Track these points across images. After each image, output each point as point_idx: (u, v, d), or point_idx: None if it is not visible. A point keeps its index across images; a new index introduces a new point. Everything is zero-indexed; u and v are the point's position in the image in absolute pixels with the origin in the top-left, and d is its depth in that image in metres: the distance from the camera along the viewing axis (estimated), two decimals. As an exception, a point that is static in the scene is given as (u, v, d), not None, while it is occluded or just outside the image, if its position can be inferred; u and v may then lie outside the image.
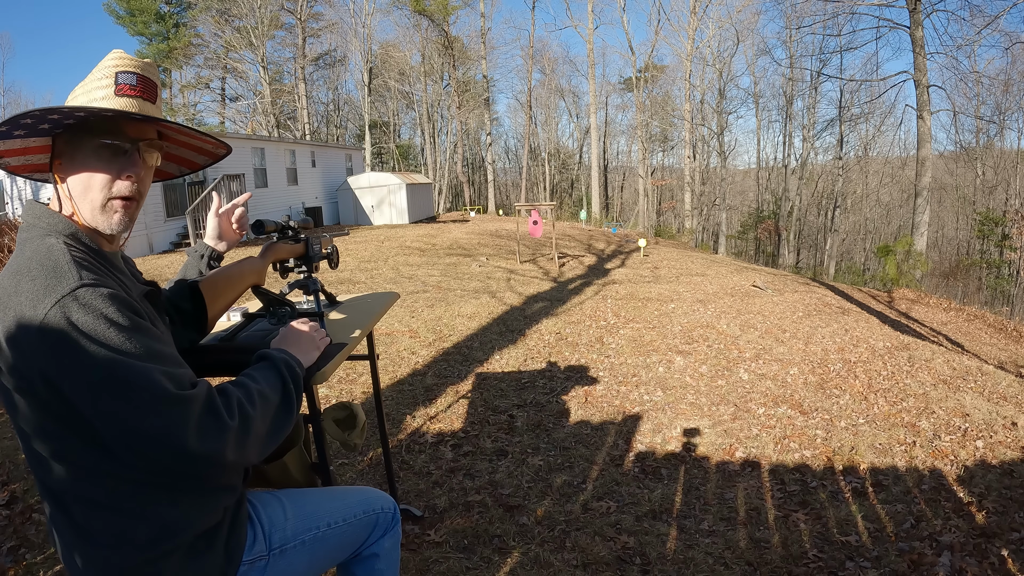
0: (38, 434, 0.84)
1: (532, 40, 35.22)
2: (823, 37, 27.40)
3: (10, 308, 0.80)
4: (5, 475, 2.63)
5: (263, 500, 1.11)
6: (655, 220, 34.15)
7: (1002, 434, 3.18)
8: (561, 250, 12.34)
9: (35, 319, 0.78)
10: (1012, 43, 20.06)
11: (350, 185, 19.61)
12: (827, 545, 2.22)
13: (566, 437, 3.21)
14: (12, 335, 0.79)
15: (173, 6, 32.01)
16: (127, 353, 0.79)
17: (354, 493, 1.27)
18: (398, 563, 1.32)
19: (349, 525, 1.19)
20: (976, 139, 28.43)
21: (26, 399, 0.82)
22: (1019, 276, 21.19)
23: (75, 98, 0.94)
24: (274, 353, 1.09)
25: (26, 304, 0.79)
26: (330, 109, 38.68)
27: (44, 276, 0.80)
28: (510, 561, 2.11)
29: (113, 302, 0.82)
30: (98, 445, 0.83)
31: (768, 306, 7.22)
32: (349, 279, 7.90)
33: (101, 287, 0.82)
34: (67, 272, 0.81)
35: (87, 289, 0.80)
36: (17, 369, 0.80)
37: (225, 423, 0.85)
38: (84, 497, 0.86)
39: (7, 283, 0.82)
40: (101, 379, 0.77)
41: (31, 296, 0.79)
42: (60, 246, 0.85)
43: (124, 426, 0.79)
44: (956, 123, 28.85)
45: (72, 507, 0.87)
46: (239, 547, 0.98)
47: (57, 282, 0.80)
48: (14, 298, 0.80)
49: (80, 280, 0.81)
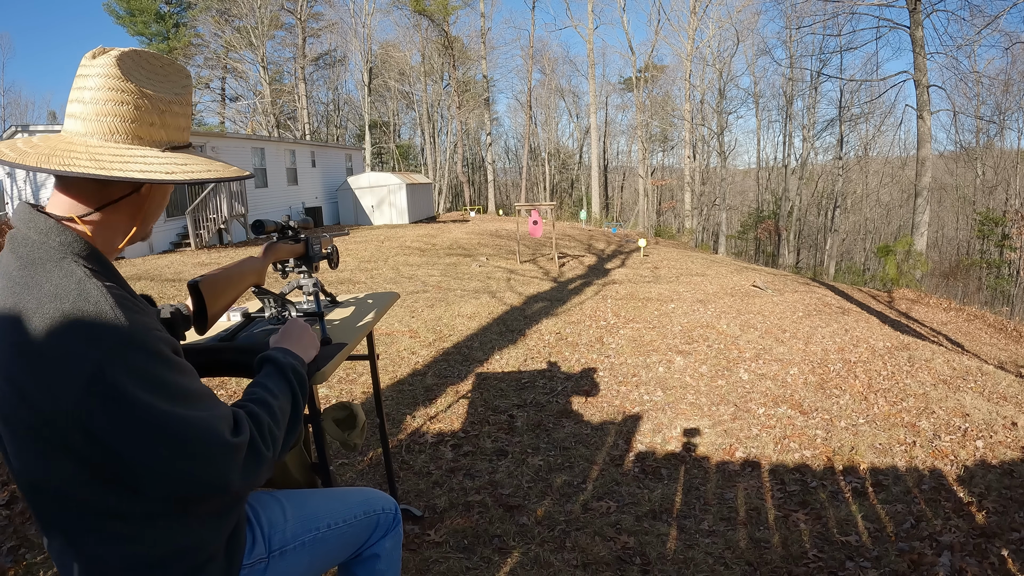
0: (55, 478, 0.79)
1: (532, 40, 35.23)
2: (823, 37, 27.41)
3: (44, 354, 0.73)
4: (5, 475, 2.63)
5: (262, 502, 1.10)
6: (655, 220, 34.16)
7: (1002, 434, 3.18)
8: (561, 250, 12.34)
9: (81, 372, 0.72)
10: (1012, 43, 20.06)
11: (350, 185, 19.61)
12: (827, 545, 2.21)
13: (566, 437, 3.21)
14: (48, 383, 0.73)
15: (173, 6, 31.99)
16: (180, 402, 0.78)
17: (355, 494, 1.26)
18: (399, 564, 1.32)
19: (349, 526, 1.18)
20: (976, 139, 28.45)
21: (48, 447, 0.76)
22: (1019, 276, 21.19)
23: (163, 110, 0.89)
24: (279, 357, 1.07)
25: (68, 352, 0.73)
26: (330, 109, 38.69)
27: (85, 323, 0.74)
28: (510, 561, 2.11)
29: (159, 345, 0.79)
30: (129, 488, 0.80)
31: (768, 306, 7.22)
32: (349, 279, 7.90)
33: (147, 331, 0.79)
34: (110, 315, 0.76)
35: (134, 336, 0.76)
36: (47, 418, 0.74)
37: (264, 457, 0.88)
38: (98, 530, 0.83)
39: (37, 324, 0.74)
40: (157, 434, 0.75)
41: (74, 344, 0.73)
42: (91, 280, 0.79)
43: (174, 475, 0.78)
44: (956, 123, 28.91)
45: (84, 538, 0.83)
46: (239, 551, 0.97)
47: (103, 330, 0.75)
48: (50, 342, 0.73)
49: (126, 323, 0.76)
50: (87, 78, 0.84)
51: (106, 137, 0.85)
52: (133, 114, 0.85)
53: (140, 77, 0.86)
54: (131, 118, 0.85)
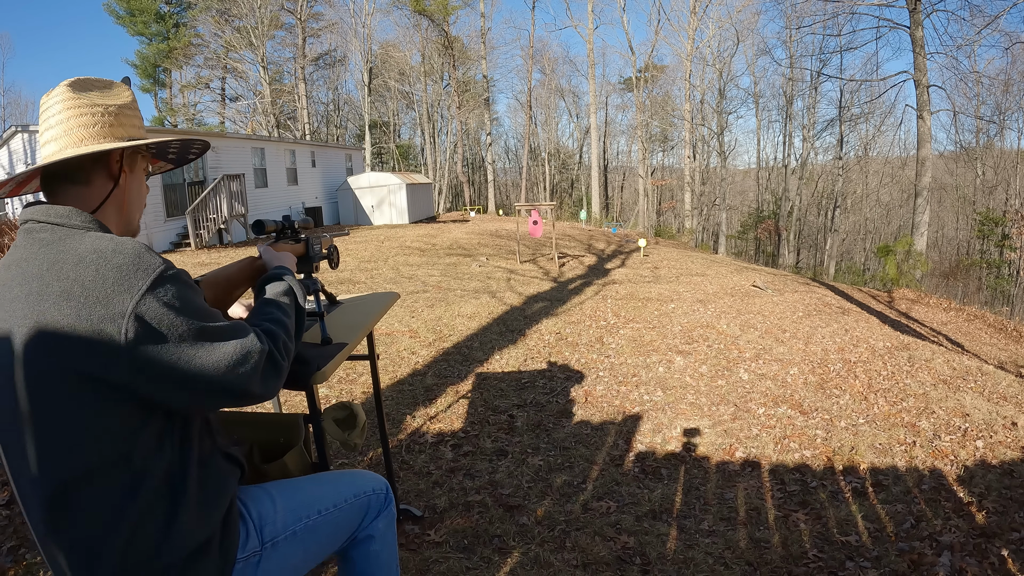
0: (92, 446, 0.83)
1: (532, 40, 35.27)
2: (823, 37, 27.43)
3: (90, 293, 0.81)
4: (5, 475, 2.63)
5: (252, 495, 1.10)
6: (655, 220, 34.17)
7: (1002, 434, 3.18)
8: (561, 250, 12.34)
9: (128, 303, 0.82)
10: (1012, 43, 20.05)
11: (350, 185, 19.61)
12: (827, 545, 2.21)
13: (566, 437, 3.21)
14: (98, 316, 0.81)
15: (173, 6, 32.03)
16: (216, 320, 0.91)
17: (343, 477, 1.27)
18: (395, 543, 1.32)
19: (340, 511, 1.18)
20: (976, 139, 28.46)
21: (91, 397, 0.82)
22: (1019, 276, 21.20)
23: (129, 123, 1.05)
24: (279, 274, 1.21)
25: (113, 288, 0.82)
26: (330, 109, 38.69)
27: (127, 262, 0.84)
28: (510, 561, 2.11)
29: (190, 278, 0.91)
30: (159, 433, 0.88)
31: (768, 306, 7.22)
32: (349, 279, 7.90)
33: (179, 268, 0.91)
34: (147, 256, 0.87)
35: (170, 269, 0.88)
36: (95, 360, 0.81)
37: (281, 367, 1.01)
38: (106, 521, 0.84)
39: (80, 271, 0.83)
40: (196, 351, 0.87)
41: (118, 279, 0.83)
42: (120, 237, 0.90)
43: (216, 387, 0.89)
44: (956, 123, 28.91)
45: (88, 532, 0.85)
46: (233, 546, 0.98)
47: (144, 266, 0.85)
48: (96, 282, 0.82)
49: (162, 262, 0.88)
50: (49, 108, 0.98)
51: (76, 145, 0.97)
52: (92, 120, 0.98)
53: (90, 92, 1.01)
54: (92, 123, 0.98)
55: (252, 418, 1.46)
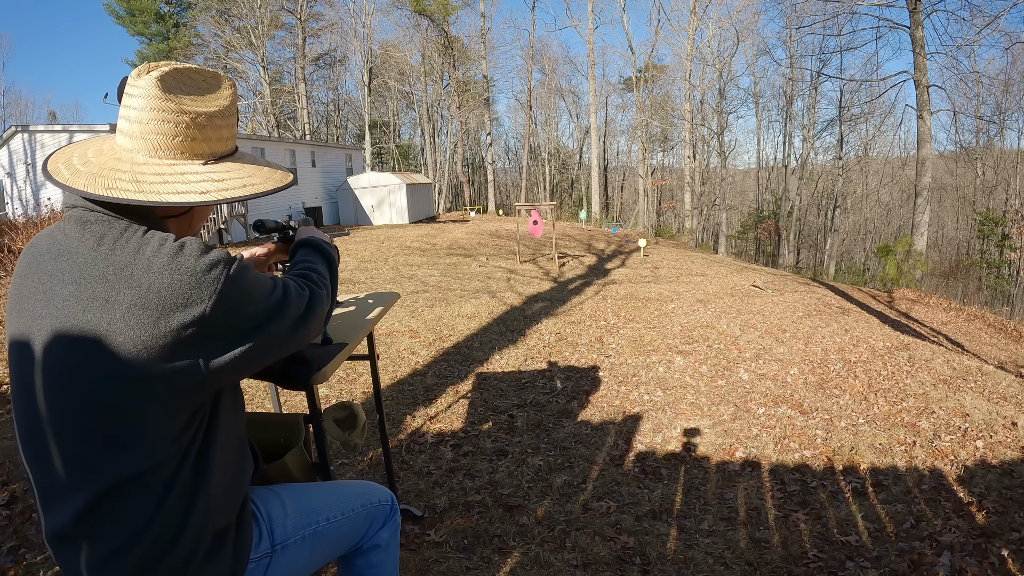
0: (149, 431, 0.83)
1: (532, 40, 35.21)
2: (823, 37, 27.42)
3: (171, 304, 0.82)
4: (5, 475, 2.63)
5: (263, 497, 1.11)
6: (655, 220, 34.16)
7: (1002, 434, 3.18)
8: (561, 250, 12.34)
9: (208, 302, 0.84)
10: (1012, 43, 20.04)
11: (350, 185, 19.61)
12: (827, 545, 2.22)
13: (566, 437, 3.21)
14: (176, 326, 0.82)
15: (173, 6, 32.00)
16: (271, 291, 0.95)
17: (352, 487, 1.28)
18: (397, 552, 1.34)
19: (347, 519, 1.20)
20: (976, 139, 28.45)
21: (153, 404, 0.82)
22: (1019, 276, 21.20)
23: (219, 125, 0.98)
24: (312, 238, 1.28)
25: (196, 294, 0.83)
26: (330, 109, 38.69)
27: (204, 265, 0.85)
28: (510, 561, 2.11)
29: (243, 259, 0.94)
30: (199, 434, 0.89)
31: (768, 306, 7.21)
32: (349, 279, 7.90)
33: (231, 256, 0.93)
34: (216, 253, 0.88)
35: (232, 259, 0.90)
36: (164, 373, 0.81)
37: (322, 297, 1.07)
38: (130, 522, 0.84)
39: (155, 280, 0.82)
40: (270, 327, 0.92)
41: (200, 285, 0.83)
42: (184, 238, 0.90)
43: (283, 335, 0.95)
44: (956, 123, 28.91)
45: (107, 527, 0.85)
46: (246, 546, 0.98)
47: (216, 259, 0.86)
48: (173, 292, 0.82)
49: (224, 254, 0.90)
50: (132, 97, 0.89)
51: (151, 154, 0.90)
52: (175, 131, 0.90)
53: (182, 94, 0.91)
54: (173, 134, 0.90)
55: (252, 418, 1.46)
